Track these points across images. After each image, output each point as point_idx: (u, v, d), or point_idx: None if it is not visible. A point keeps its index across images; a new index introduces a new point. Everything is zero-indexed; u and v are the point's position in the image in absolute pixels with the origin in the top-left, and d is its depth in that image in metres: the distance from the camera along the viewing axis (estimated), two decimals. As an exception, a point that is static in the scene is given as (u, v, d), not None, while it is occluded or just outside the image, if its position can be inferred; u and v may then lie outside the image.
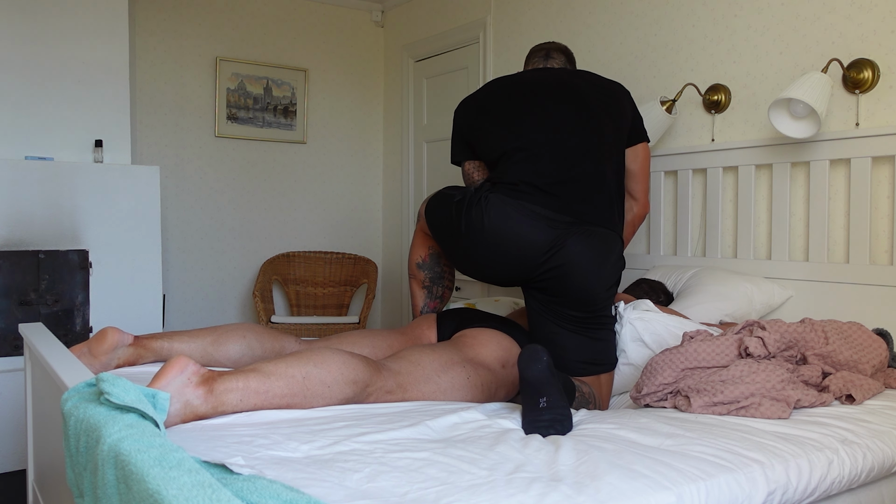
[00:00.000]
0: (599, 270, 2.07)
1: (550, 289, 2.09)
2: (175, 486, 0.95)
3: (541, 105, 2.28)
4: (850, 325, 1.99)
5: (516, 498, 1.13)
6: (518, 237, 2.09)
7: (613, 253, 2.13)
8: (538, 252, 2.07)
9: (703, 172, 2.93)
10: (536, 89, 2.33)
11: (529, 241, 2.08)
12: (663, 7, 3.09)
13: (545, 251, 2.07)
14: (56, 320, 3.31)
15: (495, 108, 2.35)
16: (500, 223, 2.10)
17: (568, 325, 2.10)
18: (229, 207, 4.50)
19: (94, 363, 1.93)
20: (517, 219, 2.09)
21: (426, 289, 2.52)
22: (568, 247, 2.06)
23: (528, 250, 2.08)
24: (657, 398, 1.84)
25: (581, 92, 2.31)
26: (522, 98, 2.31)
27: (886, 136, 2.32)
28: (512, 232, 2.09)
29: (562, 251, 2.05)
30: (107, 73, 3.56)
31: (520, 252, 2.09)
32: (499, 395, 2.03)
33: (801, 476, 1.39)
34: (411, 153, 4.76)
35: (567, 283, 2.06)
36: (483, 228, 2.12)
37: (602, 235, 2.12)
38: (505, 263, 2.13)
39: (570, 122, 2.24)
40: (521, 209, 2.10)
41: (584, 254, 2.05)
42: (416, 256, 2.52)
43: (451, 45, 4.35)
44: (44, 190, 3.28)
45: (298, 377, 1.57)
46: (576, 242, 2.06)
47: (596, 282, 2.07)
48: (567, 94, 2.30)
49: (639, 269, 3.13)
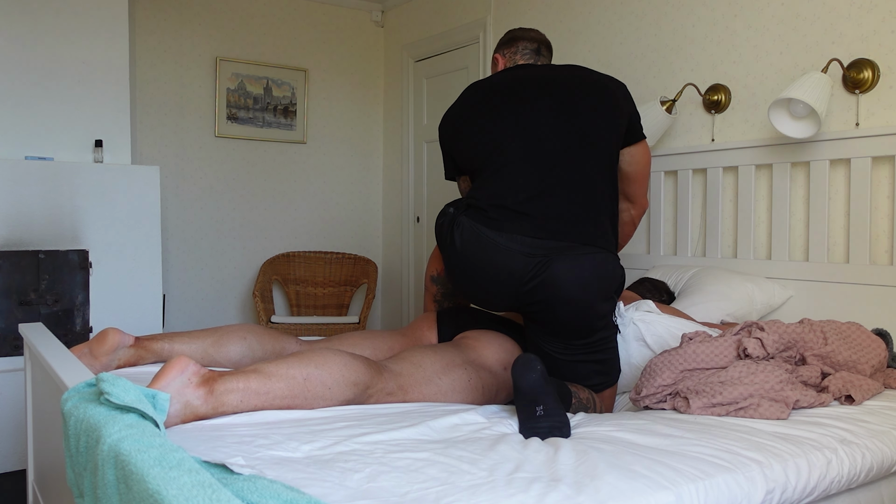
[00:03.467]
0: (590, 295, 1.96)
1: (542, 321, 2.02)
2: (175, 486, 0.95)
3: (515, 107, 2.10)
4: (849, 326, 1.99)
5: (516, 498, 1.13)
6: (491, 265, 1.99)
7: (602, 272, 1.98)
8: (517, 280, 1.97)
9: (703, 172, 2.93)
10: (512, 90, 2.14)
11: (505, 270, 1.98)
12: (663, 7, 3.09)
13: (526, 280, 1.96)
14: (56, 320, 3.31)
15: (470, 116, 2.19)
16: (470, 250, 2.01)
17: (567, 354, 2.03)
18: (229, 207, 4.50)
19: (94, 364, 1.93)
20: (486, 249, 1.99)
21: (437, 303, 2.47)
22: (548, 275, 1.94)
23: (505, 279, 1.98)
24: (656, 400, 1.85)
25: (565, 89, 2.12)
26: (497, 102, 2.14)
27: (886, 136, 2.32)
28: (484, 261, 2.00)
29: (544, 281, 1.94)
30: (107, 73, 3.56)
31: (496, 280, 2.00)
32: (500, 397, 2.03)
33: (799, 476, 1.39)
34: (411, 153, 4.76)
35: (557, 314, 1.97)
36: (459, 253, 2.04)
37: (587, 260, 1.96)
38: (487, 291, 2.05)
39: (548, 124, 2.07)
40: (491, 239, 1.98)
41: (569, 282, 1.93)
42: (432, 269, 2.46)
43: (451, 45, 4.35)
44: (44, 190, 3.28)
45: (299, 378, 1.57)
46: (557, 271, 1.94)
47: (588, 308, 1.97)
48: (547, 93, 2.11)
49: (639, 269, 3.13)
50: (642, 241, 3.21)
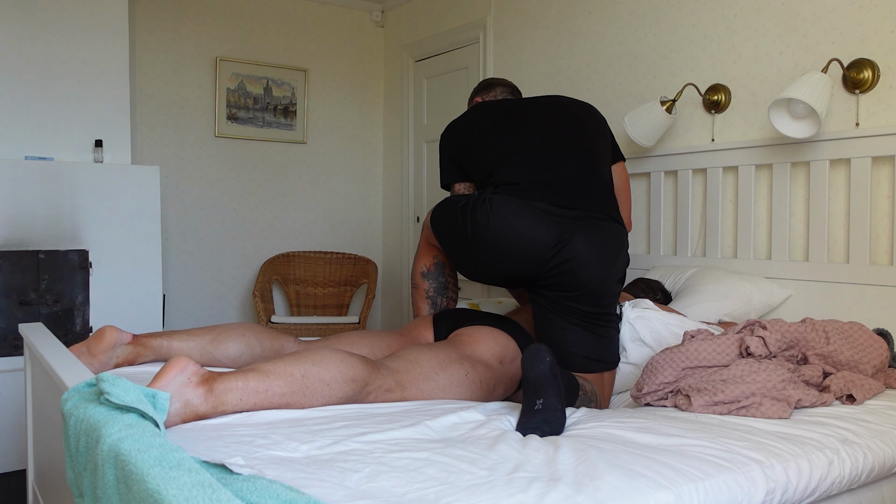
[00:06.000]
0: (608, 262, 2.09)
1: (560, 284, 2.09)
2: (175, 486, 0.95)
3: (522, 114, 2.34)
4: (850, 325, 1.99)
5: (516, 497, 1.13)
6: (524, 235, 2.08)
7: (621, 246, 2.15)
8: (545, 248, 2.07)
9: (703, 172, 2.93)
10: (516, 106, 2.40)
11: (536, 238, 2.08)
12: (663, 7, 3.09)
13: (552, 247, 2.07)
14: (56, 320, 3.31)
15: (484, 125, 2.37)
16: (505, 222, 2.10)
17: (575, 321, 2.10)
18: (229, 207, 4.50)
19: (92, 362, 1.93)
20: (522, 216, 2.09)
21: (430, 299, 2.50)
22: (574, 242, 2.06)
23: (536, 248, 2.08)
24: (658, 397, 1.84)
25: (560, 104, 2.39)
26: (506, 113, 2.37)
27: (886, 136, 2.32)
28: (518, 230, 2.09)
29: (568, 246, 2.06)
30: (107, 73, 3.56)
31: (527, 250, 2.09)
32: (497, 391, 2.03)
33: (800, 476, 1.39)
34: (411, 153, 4.76)
35: (577, 277, 2.06)
36: (489, 228, 2.11)
37: (608, 228, 2.13)
38: (512, 262, 2.13)
39: (554, 123, 2.29)
40: (526, 207, 2.10)
41: (592, 247, 2.06)
42: (421, 266, 2.51)
43: (451, 45, 4.35)
44: (44, 190, 3.28)
45: (297, 375, 1.58)
46: (582, 237, 2.07)
47: (606, 273, 2.09)
48: (545, 104, 2.37)
49: (639, 269, 3.13)
50: (642, 242, 3.20)
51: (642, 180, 3.19)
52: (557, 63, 3.59)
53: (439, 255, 2.49)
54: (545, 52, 3.67)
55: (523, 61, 3.81)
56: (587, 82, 3.43)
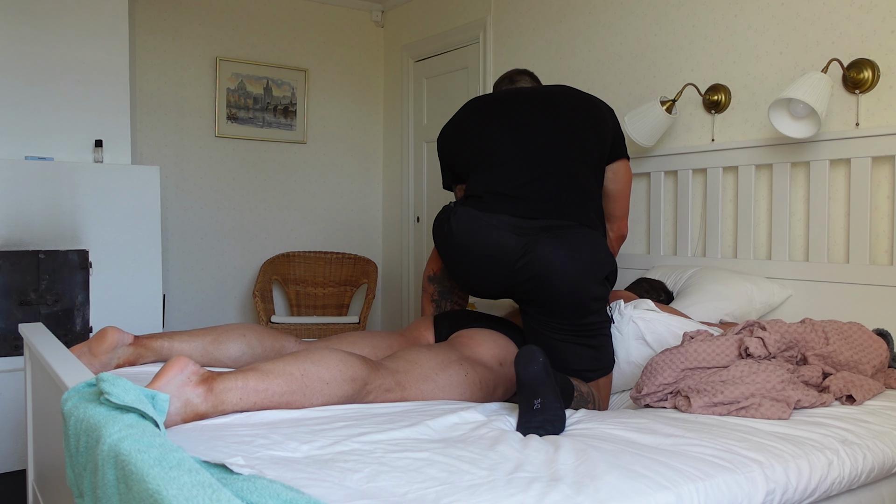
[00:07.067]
0: (581, 269, 2.00)
1: (536, 300, 2.06)
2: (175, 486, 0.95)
3: (507, 111, 2.29)
4: (850, 326, 1.99)
5: (516, 498, 1.13)
6: (486, 247, 2.10)
7: (593, 251, 2.04)
8: (509, 260, 2.07)
9: (703, 172, 2.93)
10: (505, 102, 2.34)
11: (497, 250, 2.09)
12: (663, 7, 3.09)
13: (516, 259, 2.05)
14: (56, 320, 3.31)
15: (469, 125, 2.37)
16: (463, 234, 2.14)
17: (564, 337, 2.07)
18: (229, 207, 4.50)
19: (93, 363, 1.93)
20: (481, 230, 2.11)
21: (435, 303, 2.52)
22: (539, 252, 2.01)
23: (500, 259, 2.09)
24: (657, 398, 1.84)
25: (554, 98, 2.31)
26: (492, 109, 2.33)
27: (886, 136, 2.32)
28: (478, 242, 2.12)
29: (533, 258, 2.01)
30: (107, 73, 3.56)
31: (490, 262, 2.11)
32: (497, 392, 2.03)
33: (800, 476, 1.39)
34: (411, 153, 4.76)
35: (549, 290, 2.01)
36: (453, 240, 2.17)
37: (575, 235, 2.05)
38: (482, 274, 2.15)
39: (537, 122, 2.24)
40: (484, 220, 2.12)
41: (559, 256, 1.99)
42: (429, 270, 2.53)
43: (451, 45, 4.35)
44: (44, 190, 3.28)
45: (297, 374, 1.58)
46: (547, 247, 2.01)
47: (580, 279, 2.00)
48: (537, 99, 2.31)
49: (639, 269, 3.13)
50: (642, 242, 3.21)
51: (642, 180, 3.20)
52: (557, 63, 3.59)
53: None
54: (545, 52, 3.68)
55: (523, 61, 3.81)
56: (587, 82, 3.43)
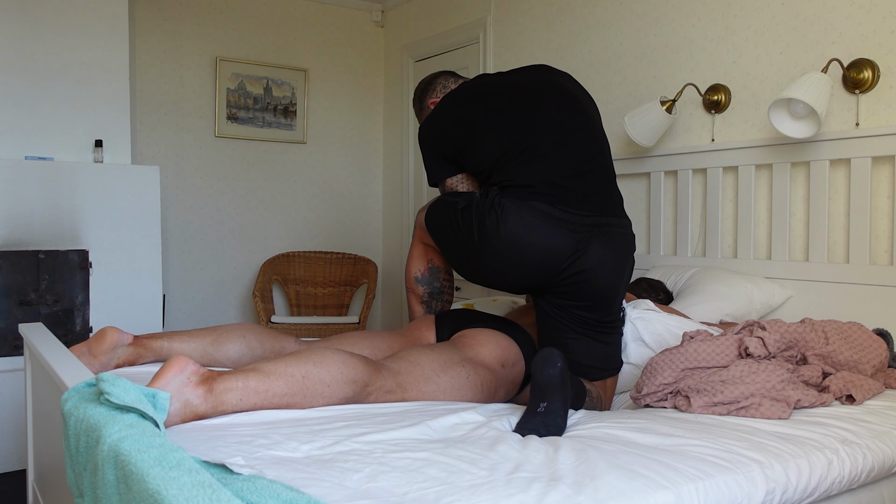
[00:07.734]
0: (620, 270, 2.06)
1: (571, 293, 2.03)
2: (175, 486, 0.95)
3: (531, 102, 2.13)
4: (850, 326, 1.99)
5: (516, 498, 1.13)
6: (538, 246, 1.97)
7: (632, 251, 2.12)
8: (560, 259, 1.99)
9: (703, 172, 2.93)
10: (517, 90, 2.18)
11: (551, 249, 1.98)
12: (663, 7, 3.09)
13: (567, 257, 1.98)
14: (56, 320, 3.31)
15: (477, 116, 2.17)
16: (518, 231, 1.97)
17: (581, 330, 2.06)
18: (229, 207, 4.50)
19: (93, 363, 1.93)
20: (536, 226, 1.97)
21: (424, 304, 2.45)
22: (591, 252, 2.00)
23: (550, 259, 1.99)
24: (657, 398, 1.84)
25: (564, 87, 2.20)
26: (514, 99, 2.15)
27: (886, 136, 2.32)
28: (531, 240, 1.97)
29: (584, 256, 1.99)
30: (107, 73, 3.56)
31: (541, 261, 1.99)
32: (498, 394, 2.03)
33: (800, 476, 1.39)
34: (411, 153, 4.76)
35: (589, 288, 2.01)
36: (500, 237, 1.98)
37: (622, 237, 2.08)
38: (524, 273, 2.02)
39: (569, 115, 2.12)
40: (540, 215, 1.97)
41: (607, 257, 2.01)
42: (415, 270, 2.43)
43: (451, 45, 4.35)
44: (44, 190, 3.28)
45: (298, 376, 1.57)
46: (598, 246, 2.00)
47: (617, 281, 2.06)
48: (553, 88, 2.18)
49: (639, 269, 3.13)
50: (642, 242, 3.20)
51: (642, 180, 3.20)
52: (557, 63, 3.59)
53: (434, 257, 2.41)
54: (545, 52, 3.67)
55: (523, 61, 3.81)
56: (587, 82, 3.43)
